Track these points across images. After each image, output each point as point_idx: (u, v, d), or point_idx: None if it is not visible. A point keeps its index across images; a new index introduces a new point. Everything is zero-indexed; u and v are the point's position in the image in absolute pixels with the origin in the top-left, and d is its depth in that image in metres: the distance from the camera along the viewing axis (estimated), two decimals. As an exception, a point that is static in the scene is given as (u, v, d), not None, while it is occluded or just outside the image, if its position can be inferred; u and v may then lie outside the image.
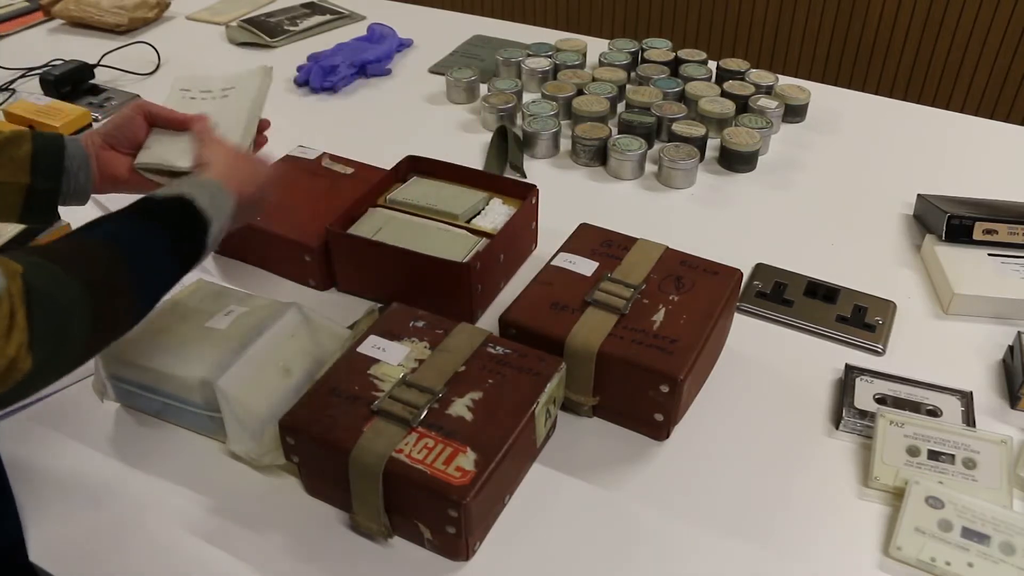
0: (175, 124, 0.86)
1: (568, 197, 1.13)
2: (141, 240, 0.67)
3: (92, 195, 0.82)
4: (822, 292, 0.95)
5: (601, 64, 1.38)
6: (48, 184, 0.77)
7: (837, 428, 0.80)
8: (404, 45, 1.54)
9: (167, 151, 0.84)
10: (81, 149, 0.81)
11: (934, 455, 0.74)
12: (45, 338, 0.55)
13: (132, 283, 0.64)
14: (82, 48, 1.51)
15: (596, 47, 1.46)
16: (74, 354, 0.60)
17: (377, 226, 0.95)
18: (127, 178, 0.85)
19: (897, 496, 0.72)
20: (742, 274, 0.85)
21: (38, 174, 0.77)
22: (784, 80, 1.34)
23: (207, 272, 0.99)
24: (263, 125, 0.93)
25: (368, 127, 1.31)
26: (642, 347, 0.75)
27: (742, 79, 1.32)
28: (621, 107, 1.30)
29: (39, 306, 0.54)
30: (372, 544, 0.70)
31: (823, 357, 0.87)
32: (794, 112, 1.29)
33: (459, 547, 0.68)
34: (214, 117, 0.89)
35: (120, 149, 0.84)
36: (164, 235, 0.68)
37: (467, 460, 0.66)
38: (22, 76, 1.41)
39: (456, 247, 0.92)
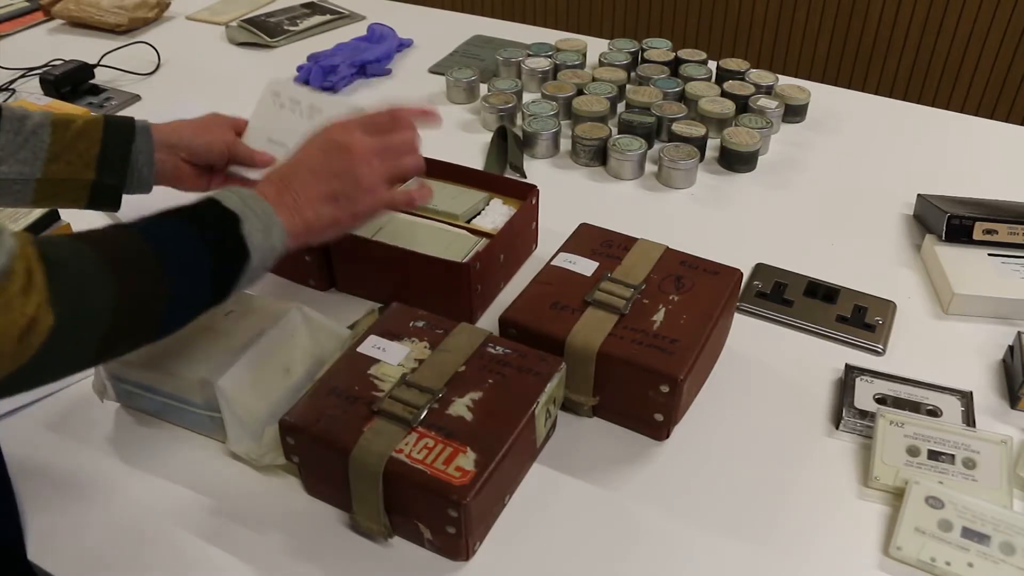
0: (250, 163, 0.90)
1: (568, 197, 1.13)
2: (163, 228, 0.64)
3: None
4: (822, 292, 0.95)
5: (601, 64, 1.38)
6: (113, 180, 0.81)
7: (837, 428, 0.80)
8: (404, 45, 1.54)
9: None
10: (149, 142, 0.84)
11: (934, 455, 0.74)
12: (65, 296, 0.53)
13: (157, 263, 0.61)
14: (82, 48, 1.51)
15: (596, 47, 1.46)
16: (99, 320, 0.56)
17: (377, 226, 0.95)
18: (190, 186, 0.89)
19: (897, 496, 0.72)
20: (742, 274, 0.85)
21: (104, 171, 0.80)
22: (784, 80, 1.34)
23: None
24: None
25: (368, 127, 1.30)
26: (642, 347, 0.75)
27: (742, 79, 1.32)
28: (621, 107, 1.30)
29: (56, 267, 0.53)
30: (372, 544, 0.70)
31: (823, 357, 0.87)
32: (794, 112, 1.29)
33: (459, 547, 0.68)
34: (294, 135, 0.86)
35: (195, 164, 0.88)
36: (190, 225, 0.65)
37: (467, 460, 0.66)
38: (22, 76, 1.41)
39: (456, 247, 0.92)
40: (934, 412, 0.79)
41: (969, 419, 0.79)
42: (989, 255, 0.96)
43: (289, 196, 0.71)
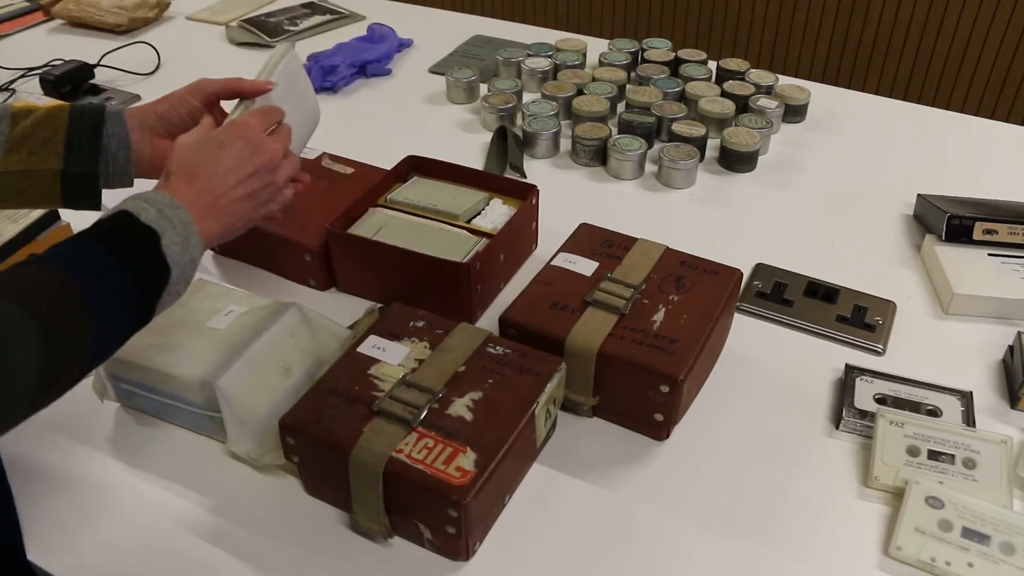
0: (238, 93, 0.80)
1: (568, 197, 1.13)
2: (80, 257, 0.59)
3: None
4: (822, 292, 0.95)
5: (601, 64, 1.38)
6: (83, 167, 0.73)
7: (837, 428, 0.80)
8: (404, 45, 1.54)
9: None
10: (121, 125, 0.76)
11: (934, 455, 0.74)
12: None
13: (81, 298, 0.57)
14: (82, 48, 1.51)
15: (596, 47, 1.46)
16: (28, 373, 0.52)
17: (377, 226, 0.95)
18: None
19: (897, 496, 0.72)
20: (742, 274, 0.85)
21: (72, 158, 0.73)
22: (784, 80, 1.34)
23: (207, 272, 0.99)
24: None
25: (368, 127, 1.31)
26: (642, 347, 0.75)
27: (742, 79, 1.32)
28: (621, 107, 1.30)
29: None
30: (372, 544, 0.70)
31: (823, 357, 0.87)
32: (794, 112, 1.29)
33: (459, 547, 0.68)
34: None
35: (174, 134, 0.77)
36: (109, 249, 0.60)
37: (467, 460, 0.66)
38: (22, 76, 1.41)
39: (456, 247, 0.92)
40: (934, 412, 0.79)
41: (969, 419, 0.79)
42: (989, 255, 0.96)
43: (206, 199, 0.67)
